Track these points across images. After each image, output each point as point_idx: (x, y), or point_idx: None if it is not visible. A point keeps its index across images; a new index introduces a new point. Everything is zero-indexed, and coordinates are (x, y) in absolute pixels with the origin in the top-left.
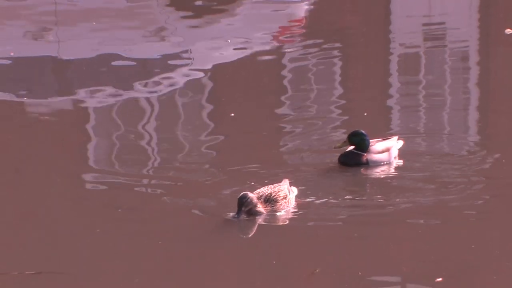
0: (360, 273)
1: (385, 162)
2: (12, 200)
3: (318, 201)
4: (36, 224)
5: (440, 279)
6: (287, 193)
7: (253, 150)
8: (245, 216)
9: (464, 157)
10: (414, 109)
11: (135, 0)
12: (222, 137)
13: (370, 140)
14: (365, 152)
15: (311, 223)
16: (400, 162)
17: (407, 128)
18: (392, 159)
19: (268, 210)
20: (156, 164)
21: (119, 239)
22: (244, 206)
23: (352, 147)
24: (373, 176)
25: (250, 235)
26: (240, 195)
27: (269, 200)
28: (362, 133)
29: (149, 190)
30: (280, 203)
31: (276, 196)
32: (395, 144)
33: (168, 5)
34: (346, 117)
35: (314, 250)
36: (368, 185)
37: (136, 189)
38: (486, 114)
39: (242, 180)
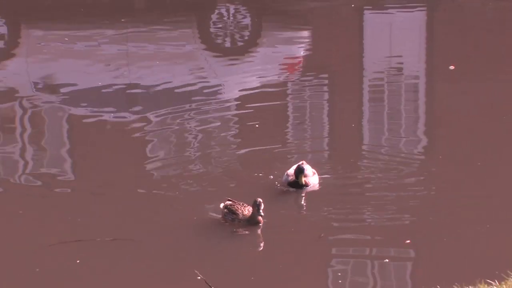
0: (352, 237)
1: (316, 183)
2: (95, 184)
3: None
4: (114, 202)
5: (408, 241)
6: None
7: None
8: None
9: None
10: (378, 129)
11: (183, 46)
12: (247, 142)
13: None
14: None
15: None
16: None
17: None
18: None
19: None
20: (198, 165)
21: (176, 215)
22: (258, 209)
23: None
24: (330, 190)
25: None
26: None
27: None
28: (302, 169)
29: (192, 182)
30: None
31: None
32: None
33: (205, 49)
34: (333, 131)
35: (316, 223)
36: (332, 192)
37: (182, 185)
38: (431, 134)
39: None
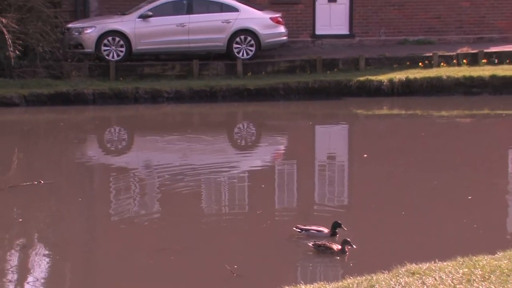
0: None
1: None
2: (173, 216)
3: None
4: (182, 227)
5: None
6: None
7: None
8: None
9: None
10: (323, 190)
11: (219, 145)
12: (255, 192)
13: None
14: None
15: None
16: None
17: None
18: None
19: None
20: (229, 204)
21: (230, 227)
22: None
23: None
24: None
25: None
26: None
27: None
28: (338, 222)
29: (230, 214)
30: None
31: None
32: None
33: (231, 146)
34: (300, 190)
35: None
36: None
37: (227, 215)
38: (351, 193)
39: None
